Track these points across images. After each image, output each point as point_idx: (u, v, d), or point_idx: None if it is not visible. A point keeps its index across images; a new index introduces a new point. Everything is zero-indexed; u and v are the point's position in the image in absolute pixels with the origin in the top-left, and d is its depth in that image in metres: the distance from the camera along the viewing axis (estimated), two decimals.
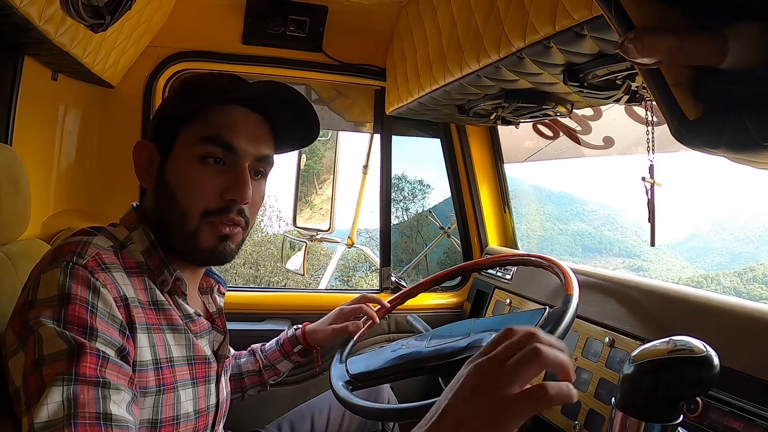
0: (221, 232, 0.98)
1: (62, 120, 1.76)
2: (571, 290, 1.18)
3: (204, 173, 0.97)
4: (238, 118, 1.00)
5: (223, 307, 1.18)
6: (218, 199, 0.97)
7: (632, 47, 0.63)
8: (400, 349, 1.31)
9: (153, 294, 0.95)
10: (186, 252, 1.00)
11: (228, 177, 0.97)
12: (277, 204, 13.02)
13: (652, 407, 0.75)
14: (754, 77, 0.62)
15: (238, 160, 0.98)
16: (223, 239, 0.99)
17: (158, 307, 0.95)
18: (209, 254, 1.00)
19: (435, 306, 2.23)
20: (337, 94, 2.43)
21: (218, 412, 1.10)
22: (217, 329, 1.12)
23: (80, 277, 0.83)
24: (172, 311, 0.97)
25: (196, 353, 1.01)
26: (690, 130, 0.70)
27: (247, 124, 1.01)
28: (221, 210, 0.97)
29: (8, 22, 1.15)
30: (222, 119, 0.98)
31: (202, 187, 0.97)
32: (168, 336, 0.96)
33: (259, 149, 1.01)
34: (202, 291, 1.16)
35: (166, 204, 0.99)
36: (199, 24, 2.03)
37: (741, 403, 1.03)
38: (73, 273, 0.83)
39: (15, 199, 1.15)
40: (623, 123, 2.12)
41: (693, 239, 27.43)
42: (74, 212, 1.86)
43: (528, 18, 1.20)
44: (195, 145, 0.97)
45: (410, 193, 11.03)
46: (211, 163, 0.97)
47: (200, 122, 0.98)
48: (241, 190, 0.97)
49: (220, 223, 0.98)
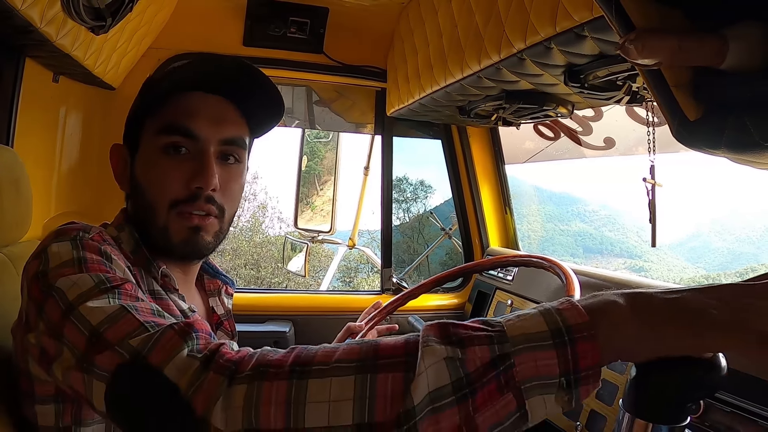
0: (191, 223, 0.94)
1: (63, 122, 1.76)
2: (573, 291, 1.18)
3: (168, 164, 0.94)
4: (198, 103, 0.96)
5: (231, 309, 1.16)
6: (184, 188, 0.93)
7: (633, 48, 0.63)
8: None
9: (150, 283, 0.94)
10: (163, 247, 0.97)
11: (192, 165, 0.93)
12: (278, 205, 13.04)
13: (660, 409, 0.75)
14: (755, 78, 0.62)
15: (201, 146, 0.94)
16: (195, 230, 0.95)
17: (156, 296, 0.94)
18: (183, 246, 0.96)
19: (436, 307, 2.23)
20: (338, 95, 2.43)
21: None
22: (225, 332, 1.11)
23: (91, 245, 0.81)
24: (169, 302, 0.95)
25: None
26: (691, 131, 0.70)
27: (206, 106, 0.96)
28: (188, 199, 0.93)
29: (9, 24, 1.15)
30: (179, 106, 0.95)
31: (167, 178, 0.93)
32: None
33: (222, 132, 0.96)
34: (209, 293, 1.14)
35: (138, 202, 0.97)
36: (200, 26, 2.03)
37: (743, 403, 1.02)
38: (84, 243, 0.81)
39: (16, 201, 1.15)
40: (624, 124, 2.11)
41: (694, 239, 27.41)
42: (75, 214, 1.86)
43: (528, 19, 1.20)
44: (156, 136, 0.94)
45: (411, 195, 11.04)
46: (173, 153, 0.94)
47: (160, 113, 0.95)
48: (206, 177, 0.92)
49: (189, 213, 0.94)
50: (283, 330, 2.01)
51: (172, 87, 0.95)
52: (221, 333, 1.11)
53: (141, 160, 0.97)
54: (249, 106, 1.02)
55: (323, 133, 3.60)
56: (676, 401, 0.72)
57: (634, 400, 0.76)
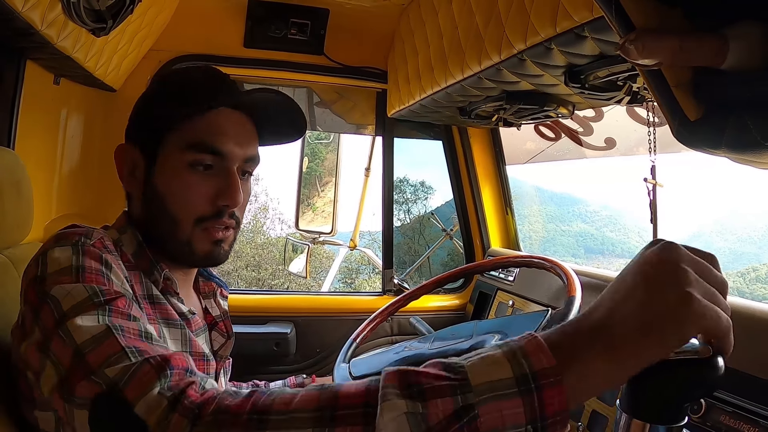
0: (215, 237, 0.98)
1: (64, 124, 1.76)
2: (574, 291, 1.18)
3: (194, 180, 0.96)
4: (226, 122, 0.98)
5: (228, 311, 1.17)
6: (210, 205, 0.97)
7: (633, 48, 0.63)
8: (402, 351, 1.31)
9: (149, 288, 0.95)
10: (181, 257, 1.00)
11: (218, 182, 0.97)
12: (279, 207, 13.05)
13: (657, 409, 0.74)
14: (755, 77, 0.62)
15: (227, 165, 0.97)
16: (217, 243, 0.99)
17: (154, 301, 0.95)
18: (205, 259, 1.00)
19: (438, 308, 2.23)
20: (339, 96, 2.43)
21: None
22: (220, 332, 1.12)
23: (92, 252, 0.82)
24: (167, 306, 0.97)
25: (194, 349, 0.99)
26: (691, 131, 0.70)
27: (235, 127, 0.99)
28: (214, 216, 0.97)
29: (10, 27, 1.15)
30: (210, 125, 0.96)
31: (194, 194, 0.96)
32: (164, 330, 0.94)
33: (246, 151, 1.00)
34: (204, 296, 1.16)
35: (156, 211, 0.98)
36: (201, 27, 2.04)
37: (744, 403, 1.02)
38: (84, 249, 0.81)
39: (17, 203, 1.15)
40: (625, 124, 2.11)
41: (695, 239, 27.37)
42: (77, 216, 1.86)
43: (529, 20, 1.20)
44: (183, 151, 0.95)
45: (412, 196, 11.04)
46: (200, 170, 0.96)
47: (187, 127, 0.96)
48: (233, 195, 0.96)
49: (213, 228, 0.97)
50: (284, 331, 2.01)
51: (202, 103, 0.97)
52: (216, 333, 1.11)
53: (163, 171, 0.97)
54: (266, 127, 1.06)
55: (324, 135, 3.60)
56: (674, 401, 0.72)
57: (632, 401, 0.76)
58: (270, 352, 1.98)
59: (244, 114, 1.02)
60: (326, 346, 2.08)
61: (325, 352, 2.08)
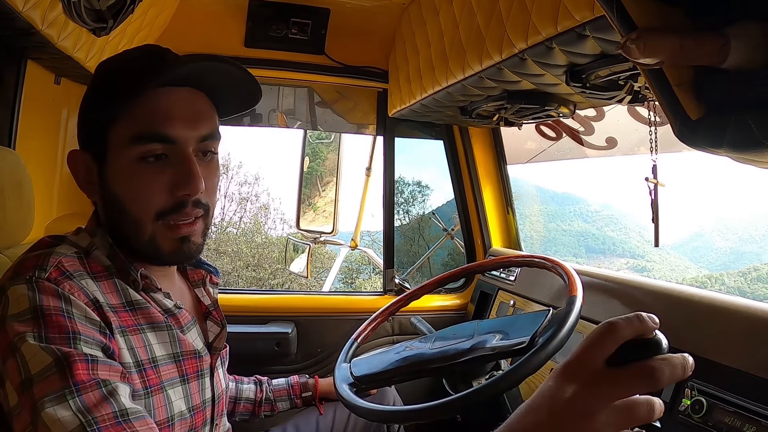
0: (180, 233, 0.92)
1: (65, 124, 1.76)
2: (575, 291, 1.18)
3: (147, 174, 0.89)
4: (168, 102, 0.89)
5: (218, 299, 1.14)
6: (169, 197, 0.90)
7: (634, 47, 0.63)
8: (404, 351, 1.31)
9: (126, 294, 0.91)
10: (149, 257, 0.94)
11: (174, 171, 0.89)
12: (280, 207, 13.05)
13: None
14: (757, 76, 0.62)
15: (181, 149, 0.89)
16: (184, 240, 0.93)
17: (134, 308, 0.91)
18: (172, 257, 0.95)
19: (439, 308, 2.23)
20: (340, 96, 2.43)
21: (216, 406, 1.07)
22: (214, 321, 1.09)
23: (47, 288, 0.80)
24: (150, 309, 0.93)
25: (184, 349, 0.97)
26: (693, 130, 0.70)
27: (181, 106, 0.90)
28: (175, 208, 0.90)
29: (11, 27, 1.15)
30: (151, 109, 0.88)
31: (149, 189, 0.89)
32: (149, 335, 0.92)
33: (200, 130, 0.91)
34: (194, 284, 1.13)
35: (117, 213, 0.92)
36: (202, 27, 2.04)
37: (745, 403, 1.02)
38: (39, 286, 0.80)
39: (18, 203, 1.15)
40: (626, 123, 2.11)
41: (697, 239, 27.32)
42: (78, 216, 1.86)
43: (530, 19, 1.20)
44: (129, 145, 0.88)
45: (413, 195, 11.03)
46: (152, 162, 0.89)
47: (128, 118, 0.88)
48: (192, 183, 0.89)
49: (177, 224, 0.92)
50: (285, 331, 2.01)
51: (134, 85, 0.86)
52: (211, 323, 1.09)
53: (114, 171, 0.91)
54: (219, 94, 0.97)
55: (325, 134, 3.60)
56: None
57: None
58: (271, 351, 1.98)
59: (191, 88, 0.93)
60: (327, 346, 2.08)
61: (326, 351, 2.08)
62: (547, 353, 0.98)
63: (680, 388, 1.15)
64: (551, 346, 0.99)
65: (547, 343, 0.99)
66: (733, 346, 1.13)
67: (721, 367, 1.11)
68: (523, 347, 1.04)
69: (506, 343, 1.09)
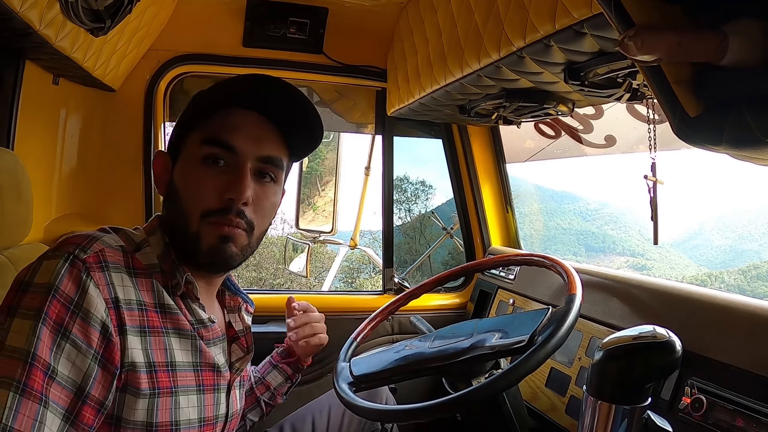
0: (221, 231, 0.98)
1: (64, 124, 1.76)
2: (575, 289, 1.18)
3: (205, 174, 0.98)
4: (238, 118, 1.01)
5: (251, 326, 1.18)
6: (218, 199, 0.97)
7: (632, 45, 0.63)
8: (403, 350, 1.31)
9: (160, 297, 0.95)
10: (191, 254, 0.99)
11: (228, 177, 0.98)
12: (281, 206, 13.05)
13: (621, 391, 0.77)
14: (755, 73, 0.62)
15: (239, 160, 0.99)
16: (224, 240, 0.98)
17: (165, 311, 0.95)
18: (211, 254, 0.98)
19: (438, 307, 2.23)
20: (339, 95, 2.43)
21: (228, 424, 1.10)
22: (240, 347, 1.12)
23: (74, 273, 0.84)
24: (180, 315, 0.97)
25: (204, 360, 1.01)
26: (691, 128, 0.70)
27: (247, 124, 1.01)
28: (220, 210, 0.97)
29: (8, 27, 1.15)
30: (223, 121, 1.00)
31: (203, 187, 0.97)
32: (172, 340, 0.96)
33: (260, 150, 1.01)
34: (230, 309, 1.16)
35: (173, 207, 1.01)
36: (200, 27, 2.03)
37: (745, 401, 1.02)
38: (69, 267, 0.84)
39: (17, 204, 1.15)
40: (625, 121, 2.11)
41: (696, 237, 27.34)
42: (76, 216, 1.86)
43: (528, 17, 1.19)
44: (198, 147, 0.99)
45: (413, 194, 11.04)
46: (212, 164, 0.98)
47: (205, 126, 1.00)
48: (239, 189, 0.96)
49: (219, 223, 0.98)
50: (285, 331, 2.00)
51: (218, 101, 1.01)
52: (236, 347, 1.12)
53: (180, 167, 1.02)
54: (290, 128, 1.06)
55: (324, 134, 3.60)
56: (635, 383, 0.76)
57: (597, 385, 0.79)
58: (271, 351, 1.98)
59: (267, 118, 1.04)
60: (327, 345, 2.08)
61: (325, 351, 2.08)
62: (547, 352, 0.98)
63: (680, 387, 1.16)
64: (551, 344, 0.99)
65: (547, 342, 0.99)
66: (733, 344, 1.13)
67: (722, 365, 1.11)
68: (523, 346, 1.04)
69: (506, 341, 1.09)
